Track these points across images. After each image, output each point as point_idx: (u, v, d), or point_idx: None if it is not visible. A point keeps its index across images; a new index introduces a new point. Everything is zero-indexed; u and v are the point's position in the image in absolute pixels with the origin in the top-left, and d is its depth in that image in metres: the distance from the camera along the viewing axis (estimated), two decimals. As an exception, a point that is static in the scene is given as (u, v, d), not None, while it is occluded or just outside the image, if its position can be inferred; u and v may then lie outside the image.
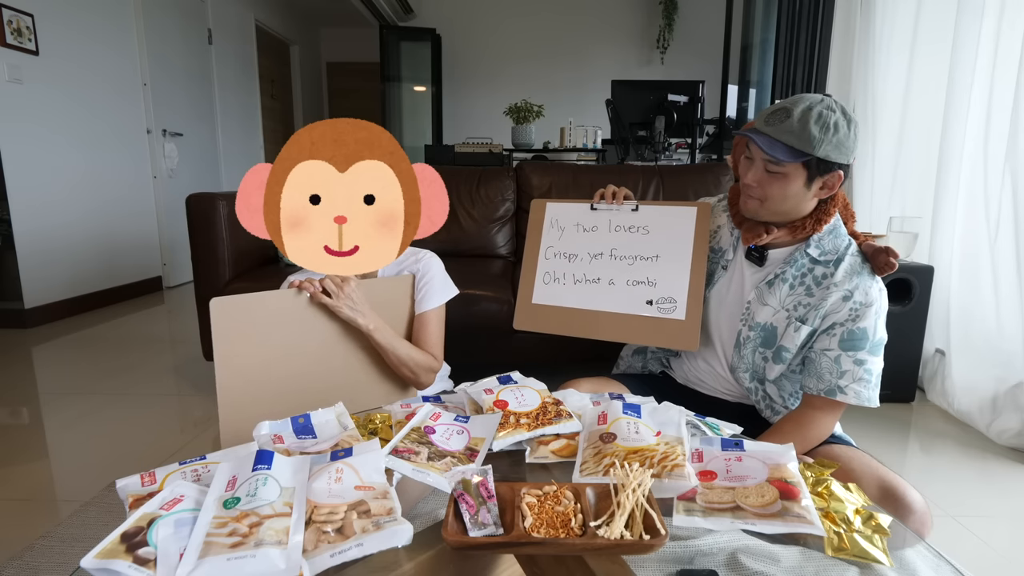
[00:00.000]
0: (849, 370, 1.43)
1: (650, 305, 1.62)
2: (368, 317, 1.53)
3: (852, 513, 0.95)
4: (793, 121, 1.35)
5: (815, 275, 1.49)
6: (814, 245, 1.49)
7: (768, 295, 1.53)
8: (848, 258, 1.48)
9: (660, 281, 1.62)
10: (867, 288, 1.44)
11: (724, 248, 1.65)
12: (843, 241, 1.51)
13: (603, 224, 1.72)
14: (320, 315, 1.51)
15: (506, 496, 0.91)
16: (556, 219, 1.76)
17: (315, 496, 0.88)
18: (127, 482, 0.93)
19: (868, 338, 1.43)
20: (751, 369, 1.58)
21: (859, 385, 1.42)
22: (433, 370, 1.70)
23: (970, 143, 2.91)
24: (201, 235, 2.87)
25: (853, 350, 1.43)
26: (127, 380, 3.27)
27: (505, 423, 1.16)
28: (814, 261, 1.49)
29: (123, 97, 5.20)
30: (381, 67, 8.15)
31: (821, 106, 1.35)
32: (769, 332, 1.53)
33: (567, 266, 1.72)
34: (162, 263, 5.68)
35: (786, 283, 1.51)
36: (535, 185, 3.50)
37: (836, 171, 1.40)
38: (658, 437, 1.10)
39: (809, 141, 1.34)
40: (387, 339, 1.58)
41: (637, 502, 0.87)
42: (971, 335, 2.91)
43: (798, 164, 1.38)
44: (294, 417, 1.12)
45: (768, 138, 1.38)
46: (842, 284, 1.45)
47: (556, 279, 1.73)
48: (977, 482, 2.34)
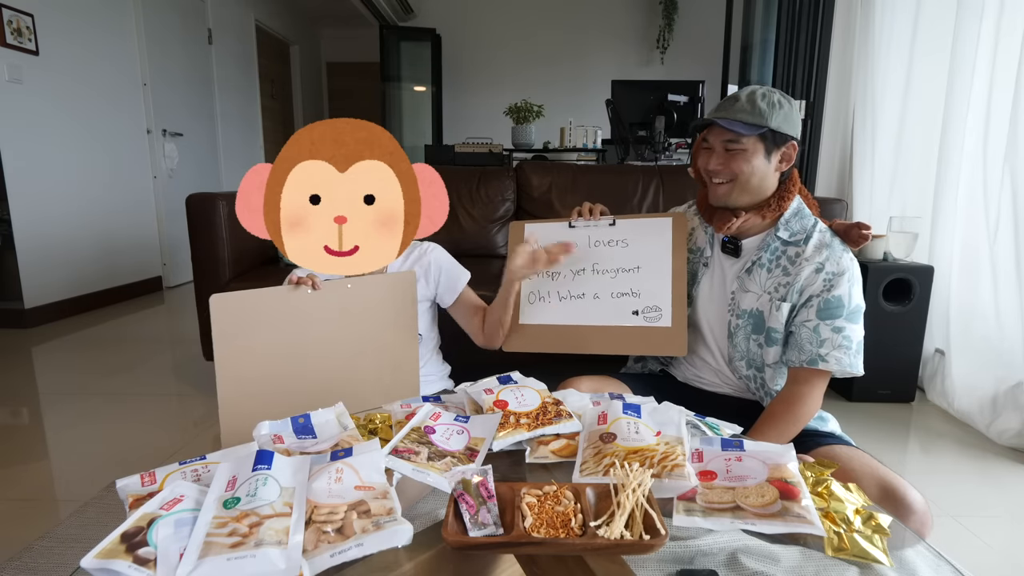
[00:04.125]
0: (828, 338, 1.49)
1: (636, 315, 1.65)
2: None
3: (852, 513, 0.95)
4: (743, 102, 1.50)
5: (788, 255, 1.57)
6: (783, 228, 1.60)
7: (749, 282, 1.61)
8: (816, 234, 1.58)
9: (644, 291, 1.66)
10: (837, 258, 1.53)
11: (702, 247, 1.73)
12: (809, 221, 1.61)
13: (582, 241, 1.74)
14: (321, 312, 1.51)
15: (506, 496, 0.91)
16: (536, 240, 1.74)
17: (315, 496, 0.88)
18: (127, 482, 0.93)
19: (844, 305, 1.50)
20: (746, 357, 1.62)
21: (840, 352, 1.47)
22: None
23: (970, 142, 2.91)
24: (201, 235, 2.88)
25: (831, 318, 1.49)
26: (127, 380, 3.27)
27: (505, 423, 1.16)
28: (785, 243, 1.58)
29: (123, 97, 5.20)
30: (381, 67, 8.15)
31: (763, 89, 1.52)
32: (756, 317, 1.59)
33: (551, 284, 1.74)
34: (162, 263, 5.68)
35: (763, 268, 1.59)
36: (535, 185, 3.51)
37: (790, 141, 1.54)
38: (658, 437, 1.10)
39: (761, 115, 1.48)
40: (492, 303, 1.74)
41: (637, 502, 0.87)
42: (971, 335, 2.91)
43: (755, 137, 1.51)
44: (294, 417, 1.12)
45: (725, 119, 1.50)
46: (813, 258, 1.54)
47: (541, 298, 1.74)
48: (977, 482, 2.34)
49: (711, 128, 1.57)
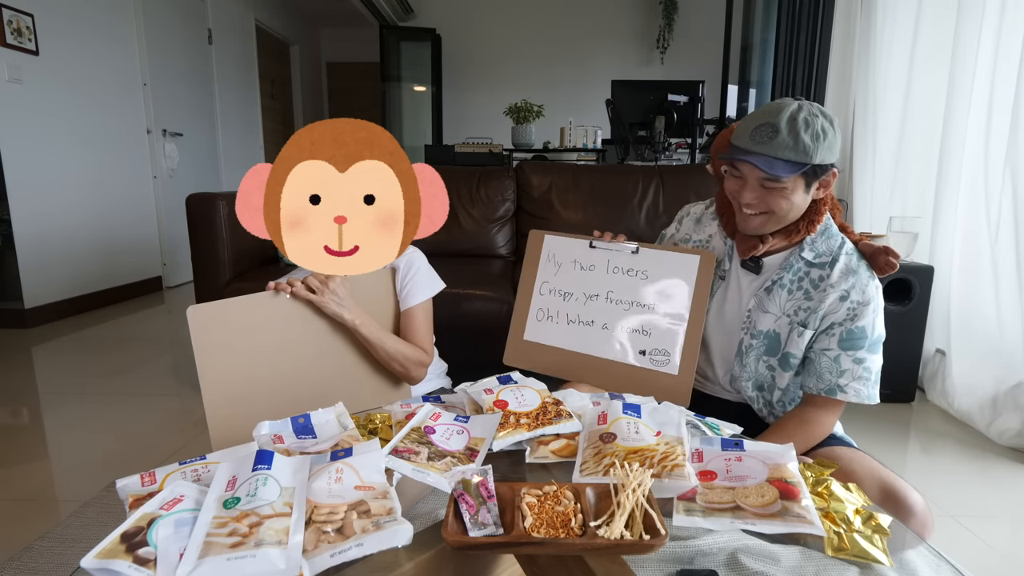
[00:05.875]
0: (849, 369, 1.42)
1: (643, 355, 1.57)
2: (354, 312, 1.53)
3: (852, 513, 0.95)
4: (783, 136, 1.32)
5: (812, 278, 1.48)
6: (808, 248, 1.49)
7: (768, 302, 1.52)
8: (843, 258, 1.47)
9: (655, 331, 1.57)
10: (863, 287, 1.44)
11: (720, 258, 1.62)
12: (836, 241, 1.50)
13: (601, 264, 1.65)
14: (304, 315, 1.51)
15: (506, 496, 0.91)
16: (553, 253, 1.70)
17: (315, 496, 0.88)
18: (127, 482, 0.93)
19: (867, 336, 1.43)
20: (754, 378, 1.56)
21: (859, 383, 1.42)
22: (423, 364, 1.70)
23: (971, 142, 2.91)
24: (201, 235, 2.88)
25: (852, 349, 1.43)
26: (127, 380, 3.27)
27: (505, 423, 1.16)
28: (809, 264, 1.49)
29: (123, 97, 5.21)
30: (381, 67, 8.15)
31: (803, 114, 1.33)
32: (772, 339, 1.51)
33: (561, 304, 1.67)
34: (162, 263, 5.69)
35: (784, 288, 1.50)
36: (535, 185, 3.51)
37: (831, 169, 1.40)
38: (658, 437, 1.10)
39: (806, 152, 1.32)
40: (374, 333, 1.58)
41: (637, 502, 0.87)
42: (971, 335, 2.91)
43: (798, 175, 1.36)
44: (294, 417, 1.12)
45: (765, 157, 1.34)
46: (838, 284, 1.44)
47: (549, 317, 1.67)
48: (977, 482, 2.34)
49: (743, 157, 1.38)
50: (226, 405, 1.40)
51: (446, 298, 1.85)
